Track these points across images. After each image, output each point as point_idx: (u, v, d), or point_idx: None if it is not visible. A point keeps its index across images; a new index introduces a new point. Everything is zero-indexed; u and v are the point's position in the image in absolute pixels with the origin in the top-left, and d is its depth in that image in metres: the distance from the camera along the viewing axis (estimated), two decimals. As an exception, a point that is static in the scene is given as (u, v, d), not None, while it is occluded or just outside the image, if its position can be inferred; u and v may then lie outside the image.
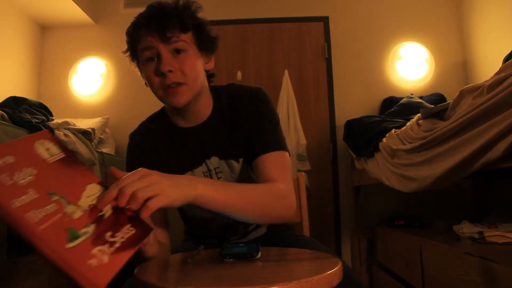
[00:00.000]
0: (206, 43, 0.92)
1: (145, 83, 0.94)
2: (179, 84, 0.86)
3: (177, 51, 0.86)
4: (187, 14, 0.88)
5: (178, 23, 0.85)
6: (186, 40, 0.87)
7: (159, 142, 0.98)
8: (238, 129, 0.94)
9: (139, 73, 0.95)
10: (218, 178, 0.97)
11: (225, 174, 0.97)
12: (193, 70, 0.87)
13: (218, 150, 0.95)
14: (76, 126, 1.92)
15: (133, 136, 1.01)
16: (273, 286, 0.50)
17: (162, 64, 0.84)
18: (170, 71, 0.84)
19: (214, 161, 0.96)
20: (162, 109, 1.03)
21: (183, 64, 0.86)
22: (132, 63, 0.95)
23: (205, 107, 0.96)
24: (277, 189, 0.84)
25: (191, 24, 0.88)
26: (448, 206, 2.53)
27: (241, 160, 0.96)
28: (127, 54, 0.94)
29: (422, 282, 1.67)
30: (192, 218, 1.04)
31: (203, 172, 0.96)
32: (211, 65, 0.96)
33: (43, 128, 1.57)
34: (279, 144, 0.92)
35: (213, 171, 0.96)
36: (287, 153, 0.92)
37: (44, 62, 3.06)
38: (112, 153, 2.53)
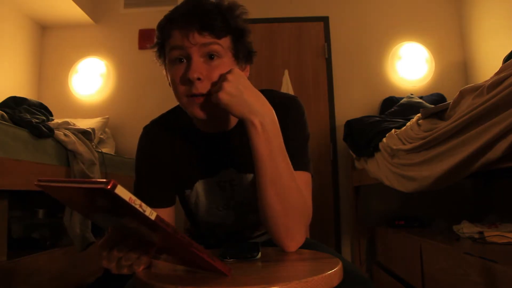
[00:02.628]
0: (243, 51, 0.82)
1: (169, 84, 0.84)
2: (205, 95, 0.75)
3: (210, 57, 0.75)
4: (231, 16, 0.78)
5: (218, 24, 0.75)
6: (222, 45, 0.76)
7: (175, 141, 0.90)
8: None
9: (164, 71, 0.85)
10: (233, 191, 0.90)
11: (241, 188, 0.90)
12: None
13: (238, 162, 0.87)
14: (76, 126, 1.92)
15: (148, 129, 0.93)
16: (273, 286, 0.50)
17: (191, 70, 0.73)
18: (199, 79, 0.74)
19: (230, 173, 0.89)
20: (180, 108, 0.92)
21: (214, 72, 0.75)
22: (158, 59, 0.84)
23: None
24: (306, 208, 0.77)
25: (233, 28, 0.78)
26: (448, 206, 2.53)
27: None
28: (155, 49, 0.84)
29: (422, 282, 1.67)
30: (201, 223, 1.00)
31: (218, 182, 0.90)
32: (246, 75, 0.82)
33: (43, 128, 1.57)
34: (306, 165, 0.82)
35: (228, 183, 0.90)
36: (310, 176, 0.83)
37: (44, 62, 3.06)
38: (112, 153, 2.53)
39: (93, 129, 2.00)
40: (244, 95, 0.70)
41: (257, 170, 0.73)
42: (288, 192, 0.72)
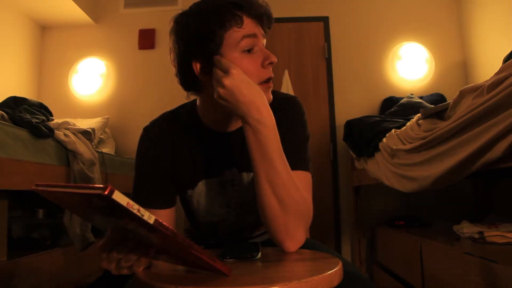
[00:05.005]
0: None
1: (197, 71, 0.78)
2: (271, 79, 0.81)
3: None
4: None
5: (272, 20, 0.81)
6: None
7: (176, 141, 0.88)
8: None
9: (215, 54, 0.75)
10: (234, 191, 0.90)
11: (242, 187, 0.90)
12: None
13: (240, 162, 0.88)
14: (76, 126, 1.92)
15: (148, 129, 0.91)
16: (273, 286, 0.50)
17: (273, 55, 0.78)
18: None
19: (232, 173, 0.89)
20: (190, 106, 0.91)
21: None
22: (201, 44, 0.75)
23: None
24: (307, 207, 0.76)
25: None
26: (448, 206, 2.53)
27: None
28: (193, 32, 0.76)
29: (422, 282, 1.67)
30: (202, 223, 0.99)
31: (220, 182, 0.90)
32: None
33: (43, 128, 1.57)
34: (306, 165, 0.83)
35: (229, 183, 0.90)
36: (310, 176, 0.84)
37: (44, 62, 3.06)
38: (112, 153, 2.53)
39: (93, 129, 2.01)
40: (239, 102, 0.71)
41: (254, 169, 0.74)
42: (285, 191, 0.72)
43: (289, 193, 0.73)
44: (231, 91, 0.70)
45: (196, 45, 0.76)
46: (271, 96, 0.81)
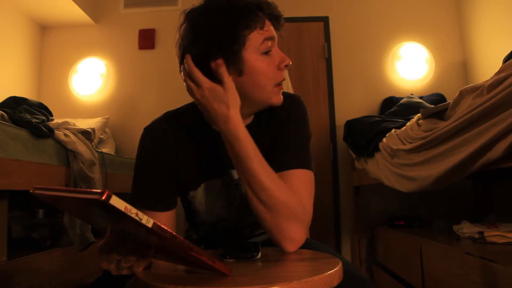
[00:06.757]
0: None
1: (215, 70, 0.75)
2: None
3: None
4: None
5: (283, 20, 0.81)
6: None
7: (179, 142, 0.87)
8: (269, 136, 0.86)
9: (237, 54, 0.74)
10: (236, 190, 0.90)
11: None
12: None
13: None
14: (76, 126, 1.92)
15: (150, 129, 0.89)
16: (273, 286, 0.50)
17: (288, 58, 0.80)
18: None
19: (235, 172, 0.87)
20: (193, 105, 0.90)
21: None
22: (224, 43, 0.73)
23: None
24: (298, 206, 0.75)
25: None
26: (448, 206, 2.53)
27: None
28: (216, 33, 0.74)
29: (422, 282, 1.67)
30: (202, 223, 0.98)
31: (223, 182, 0.89)
32: None
33: (43, 128, 1.57)
34: (307, 163, 0.83)
35: (232, 182, 0.90)
36: (313, 175, 0.84)
37: (44, 62, 3.06)
38: (112, 153, 2.53)
39: (93, 129, 2.01)
40: (210, 114, 0.74)
41: (236, 171, 0.76)
42: (266, 194, 0.72)
43: (271, 196, 0.72)
44: (203, 104, 0.74)
45: (219, 45, 0.74)
46: (282, 98, 0.82)
